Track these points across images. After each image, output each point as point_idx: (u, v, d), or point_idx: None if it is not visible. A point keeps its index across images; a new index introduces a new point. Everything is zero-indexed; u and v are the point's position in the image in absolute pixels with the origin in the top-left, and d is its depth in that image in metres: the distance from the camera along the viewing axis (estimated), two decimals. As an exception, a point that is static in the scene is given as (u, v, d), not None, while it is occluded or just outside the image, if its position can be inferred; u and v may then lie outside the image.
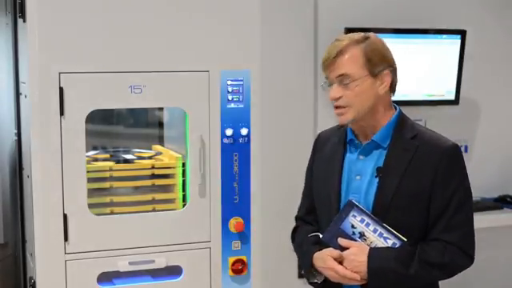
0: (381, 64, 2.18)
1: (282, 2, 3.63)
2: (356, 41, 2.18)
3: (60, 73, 2.59)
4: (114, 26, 2.65)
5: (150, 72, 2.70)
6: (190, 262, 2.81)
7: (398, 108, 2.29)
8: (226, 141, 2.81)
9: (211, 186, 2.81)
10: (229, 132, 2.80)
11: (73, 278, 2.66)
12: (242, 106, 2.82)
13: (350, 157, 2.28)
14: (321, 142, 2.43)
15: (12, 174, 3.28)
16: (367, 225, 2.14)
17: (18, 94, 3.17)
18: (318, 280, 2.30)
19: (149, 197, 2.86)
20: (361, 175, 2.23)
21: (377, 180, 2.19)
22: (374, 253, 2.14)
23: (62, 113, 2.60)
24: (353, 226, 2.16)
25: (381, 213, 2.16)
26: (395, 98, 2.29)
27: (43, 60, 2.57)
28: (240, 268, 2.86)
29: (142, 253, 2.75)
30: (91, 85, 2.63)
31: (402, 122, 2.24)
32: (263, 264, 2.69)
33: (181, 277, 2.82)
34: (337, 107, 2.22)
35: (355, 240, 2.18)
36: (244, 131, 2.82)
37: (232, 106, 2.81)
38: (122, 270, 2.73)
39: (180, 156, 2.90)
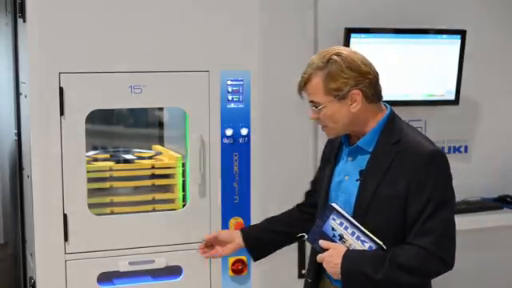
0: (344, 86, 2.17)
1: (282, 2, 3.62)
2: (318, 67, 2.19)
3: (60, 73, 2.59)
4: (114, 26, 2.65)
5: (150, 72, 2.70)
6: (189, 262, 2.81)
7: (388, 110, 2.27)
8: (225, 141, 2.81)
9: (211, 186, 2.81)
10: (229, 132, 2.80)
11: (73, 278, 2.67)
12: (242, 106, 2.82)
13: (344, 158, 2.32)
14: (331, 140, 2.44)
15: (12, 174, 3.28)
16: (346, 228, 2.19)
17: (18, 93, 3.17)
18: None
19: (149, 197, 2.87)
20: (349, 176, 2.27)
21: (358, 183, 2.22)
22: (348, 255, 2.17)
23: (62, 113, 2.60)
24: (333, 229, 2.21)
25: (360, 215, 2.19)
26: (395, 98, 2.28)
27: (43, 60, 2.57)
28: (240, 268, 2.86)
29: (142, 253, 2.75)
30: (91, 85, 2.63)
31: (390, 126, 2.24)
32: (263, 264, 2.69)
33: (181, 277, 2.82)
34: None
35: (335, 242, 2.21)
36: (244, 131, 2.82)
37: (232, 106, 2.81)
38: (122, 270, 2.73)
39: (180, 156, 2.90)
